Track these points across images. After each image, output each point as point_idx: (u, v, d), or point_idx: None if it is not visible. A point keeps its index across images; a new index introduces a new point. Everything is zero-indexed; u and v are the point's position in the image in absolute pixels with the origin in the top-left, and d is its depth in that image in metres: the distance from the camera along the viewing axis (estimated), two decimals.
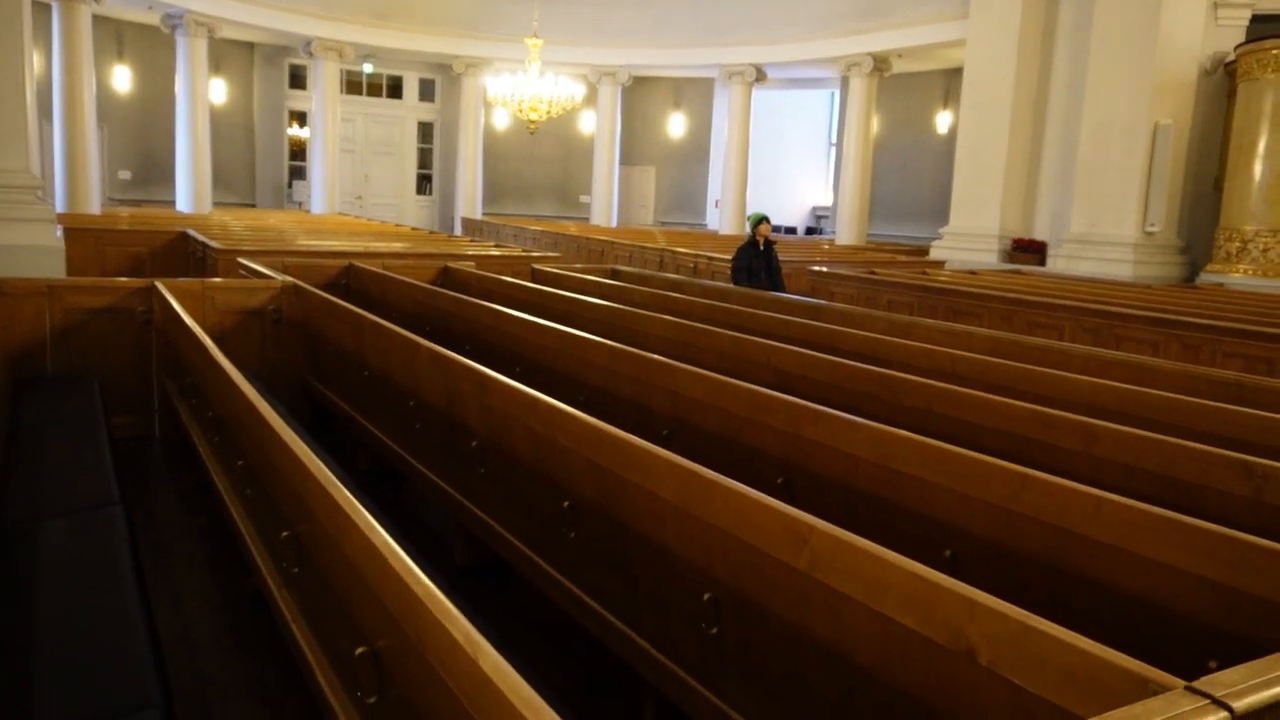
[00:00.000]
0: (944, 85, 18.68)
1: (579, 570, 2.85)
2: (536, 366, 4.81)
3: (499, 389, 3.22)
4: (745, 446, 3.35)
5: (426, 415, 3.96)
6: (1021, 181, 13.49)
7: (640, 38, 19.47)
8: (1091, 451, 3.05)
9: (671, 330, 5.26)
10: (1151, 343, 6.74)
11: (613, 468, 2.53)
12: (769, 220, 9.27)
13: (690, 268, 11.94)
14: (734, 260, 9.21)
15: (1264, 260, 10.61)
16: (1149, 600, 2.13)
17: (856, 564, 1.78)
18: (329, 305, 5.36)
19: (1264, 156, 10.67)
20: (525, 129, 17.50)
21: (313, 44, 17.93)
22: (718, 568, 2.18)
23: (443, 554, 3.98)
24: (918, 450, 2.69)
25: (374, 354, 4.60)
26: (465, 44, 19.39)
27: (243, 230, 11.30)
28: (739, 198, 19.54)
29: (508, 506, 3.31)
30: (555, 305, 6.31)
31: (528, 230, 16.81)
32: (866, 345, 4.94)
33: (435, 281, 7.63)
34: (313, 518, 2.17)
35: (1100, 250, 11.89)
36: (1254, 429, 3.32)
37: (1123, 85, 11.78)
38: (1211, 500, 2.70)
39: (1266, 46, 10.69)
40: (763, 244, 9.03)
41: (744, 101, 19.23)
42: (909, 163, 19.50)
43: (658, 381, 3.87)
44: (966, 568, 2.48)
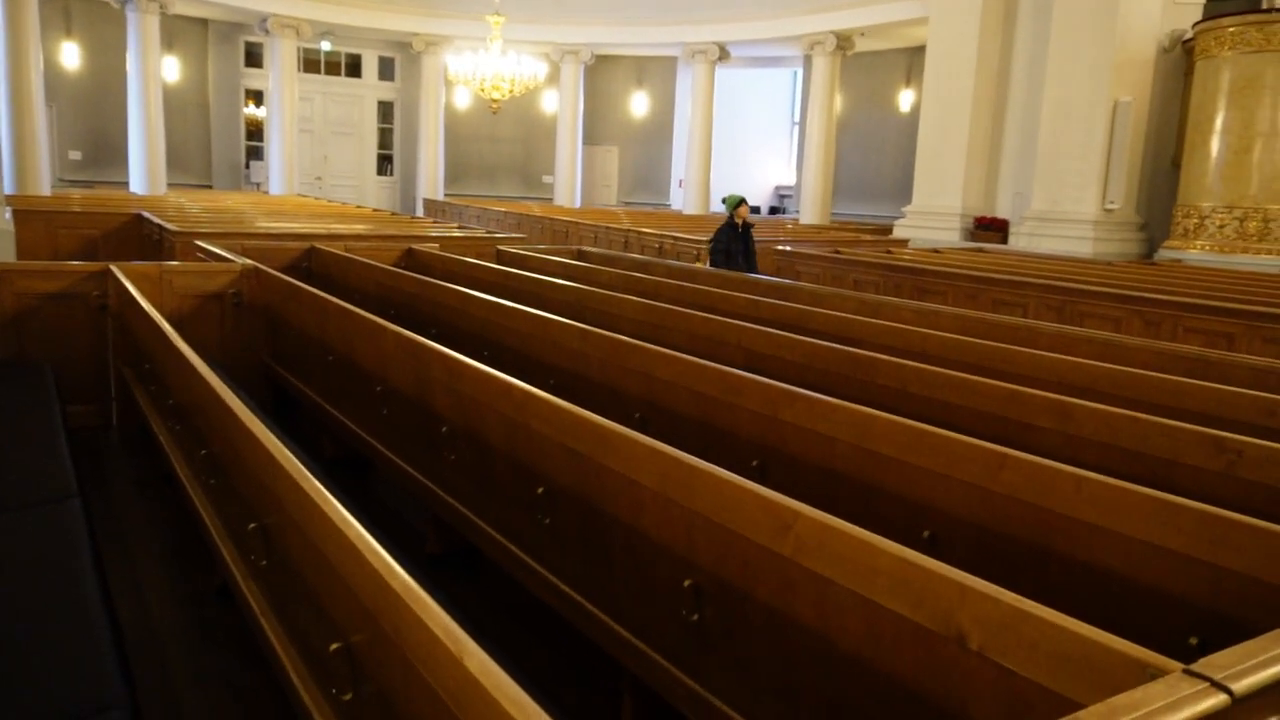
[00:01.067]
0: (906, 64, 18.73)
1: (555, 557, 2.81)
2: (505, 349, 4.74)
3: (470, 374, 3.16)
4: (720, 429, 3.32)
5: (394, 401, 3.88)
6: (983, 160, 13.58)
7: (603, 15, 19.30)
8: (1066, 429, 3.05)
9: (641, 312, 5.21)
10: (1114, 319, 6.81)
11: (590, 454, 2.49)
12: (747, 202, 9.21)
13: (656, 248, 11.88)
14: (712, 242, 9.18)
15: (1220, 236, 10.77)
16: (1129, 578, 2.13)
17: (843, 549, 1.76)
18: (291, 289, 5.24)
19: (1221, 134, 10.81)
20: (487, 108, 17.28)
21: (269, 21, 17.56)
22: (699, 554, 2.15)
23: (413, 542, 3.92)
24: (896, 431, 2.67)
25: (339, 339, 4.50)
26: (425, 21, 19.09)
27: (200, 212, 11.06)
28: (702, 177, 19.50)
29: (480, 493, 3.26)
30: (522, 287, 6.23)
31: (491, 211, 16.64)
32: (837, 325, 4.92)
33: (399, 264, 7.50)
34: (282, 509, 2.10)
35: (1061, 228, 12.01)
36: (1222, 404, 3.34)
37: (1083, 63, 11.87)
38: (1184, 476, 2.72)
39: (1224, 24, 10.81)
40: (741, 226, 8.99)
41: (707, 80, 19.15)
42: (872, 141, 19.56)
43: (630, 364, 3.83)
44: (946, 548, 2.47)
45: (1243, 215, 10.60)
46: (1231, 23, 10.74)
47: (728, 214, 9.05)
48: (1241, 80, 10.63)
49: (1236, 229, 10.64)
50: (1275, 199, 10.49)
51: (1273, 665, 1.25)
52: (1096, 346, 4.44)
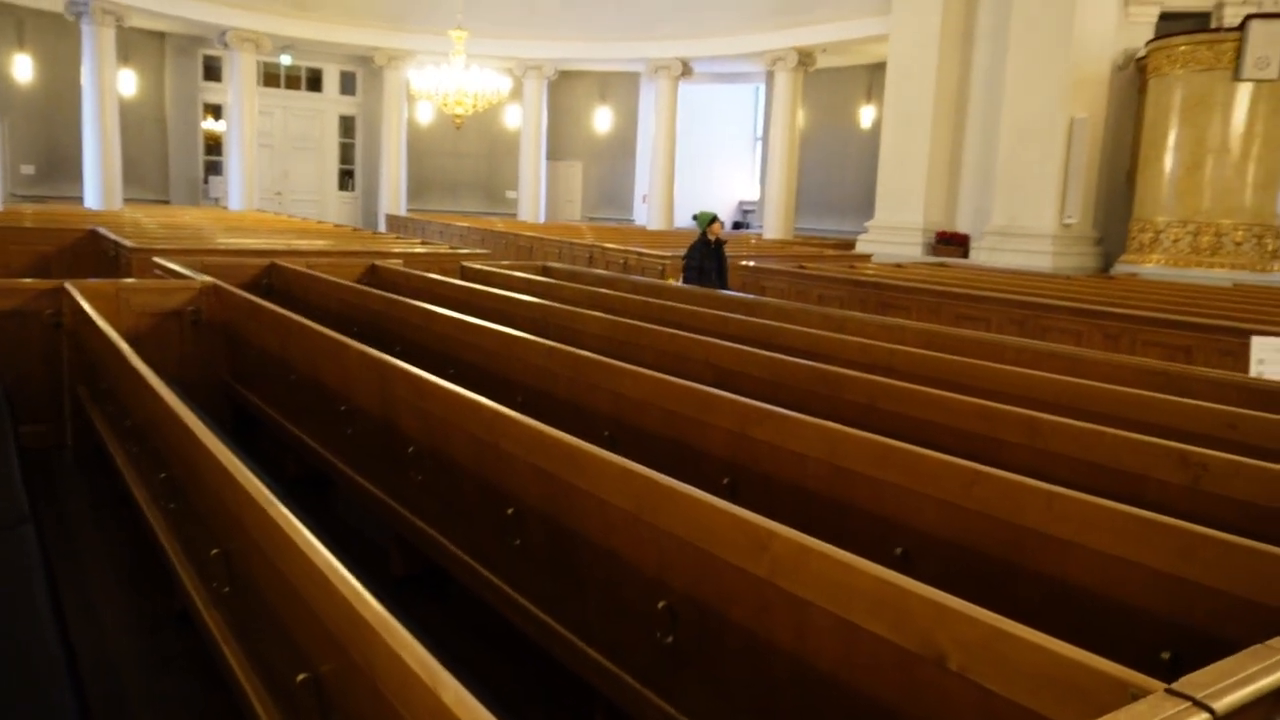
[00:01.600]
0: (867, 80, 18.94)
1: (524, 579, 2.76)
2: (470, 367, 4.69)
3: (438, 393, 3.12)
4: (690, 447, 3.30)
5: (359, 420, 3.82)
6: (944, 175, 13.75)
7: (566, 31, 19.33)
8: (1035, 444, 3.07)
9: (607, 328, 5.18)
10: (1075, 332, 6.91)
11: (560, 474, 2.46)
12: (720, 219, 9.22)
13: (621, 263, 11.88)
14: (686, 258, 9.14)
15: (1175, 250, 10.97)
16: (1100, 593, 2.14)
17: (820, 570, 1.74)
18: (252, 306, 5.16)
19: (1174, 150, 11.04)
20: (449, 123, 17.22)
21: (228, 35, 17.37)
22: (673, 575, 2.13)
23: (377, 563, 3.85)
24: (867, 448, 2.67)
25: (301, 357, 4.43)
26: (387, 36, 19.00)
27: (157, 228, 10.88)
28: (666, 193, 19.55)
29: (447, 514, 3.21)
30: (487, 304, 6.18)
31: (454, 226, 16.55)
32: (805, 341, 4.93)
33: (362, 280, 7.42)
34: (245, 535, 2.05)
35: (1021, 242, 12.18)
36: (1186, 417, 3.38)
37: (1040, 81, 12.07)
38: (1152, 490, 2.74)
39: (1175, 43, 11.06)
40: (714, 242, 8.99)
41: (670, 96, 19.23)
42: (834, 157, 19.74)
43: (598, 381, 3.80)
44: (918, 565, 2.47)
45: (1196, 230, 10.82)
46: (1182, 41, 10.99)
47: (700, 230, 9.02)
48: (1193, 98, 10.87)
49: (1190, 243, 10.86)
50: (1227, 214, 10.72)
51: (1252, 683, 1.25)
52: (1061, 361, 4.48)
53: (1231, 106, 10.70)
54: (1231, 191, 10.72)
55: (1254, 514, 2.54)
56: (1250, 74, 10.46)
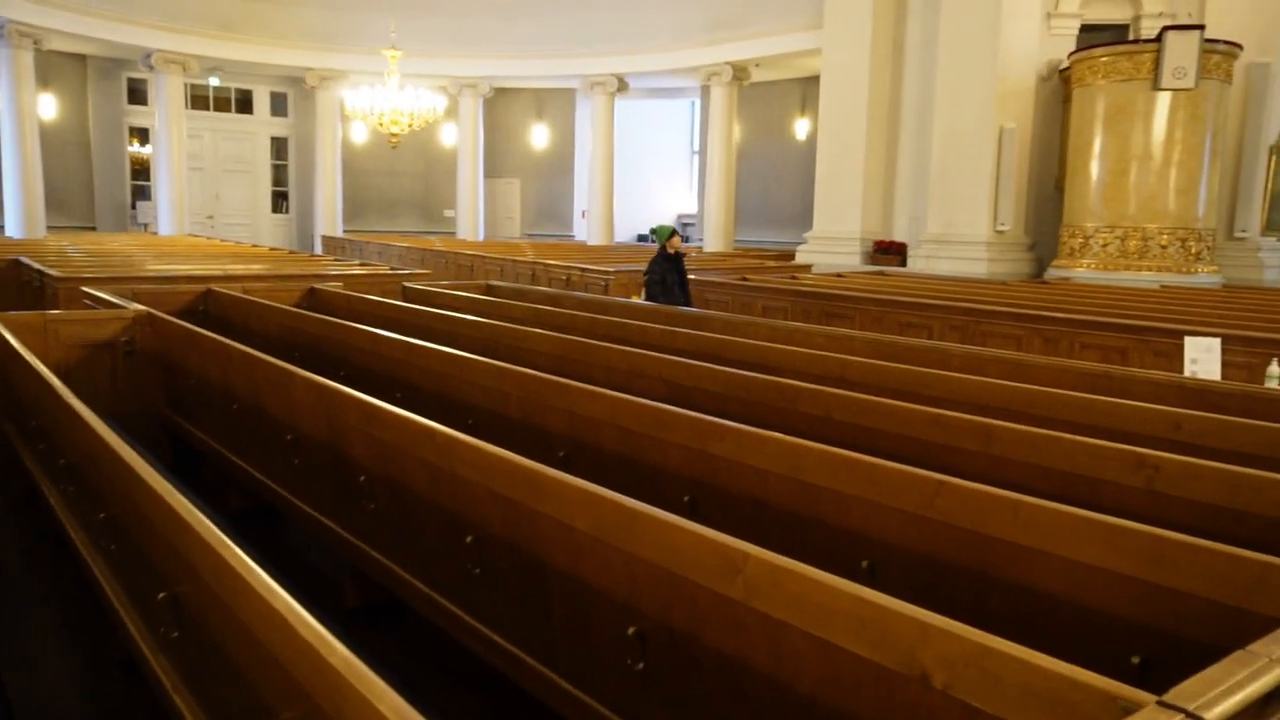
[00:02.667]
0: (801, 93, 19.19)
1: (487, 607, 2.70)
2: (418, 390, 4.60)
3: (389, 420, 3.04)
4: (648, 465, 3.26)
5: (307, 449, 3.71)
6: (880, 185, 13.96)
7: (500, 48, 19.26)
8: (990, 451, 3.09)
9: (557, 346, 5.13)
10: (1015, 337, 7.03)
11: (522, 499, 2.40)
12: (679, 233, 9.07)
13: (563, 280, 11.82)
14: (648, 274, 8.93)
15: (1104, 255, 11.26)
16: (1068, 600, 2.14)
17: (796, 590, 1.71)
18: (189, 335, 5.00)
19: (1099, 157, 11.34)
20: (384, 143, 17.01)
21: (153, 57, 16.97)
22: (643, 600, 2.08)
23: (330, 595, 3.74)
24: (829, 461, 2.66)
25: (243, 385, 4.30)
26: (319, 56, 18.72)
27: (84, 256, 10.54)
28: (605, 208, 19.56)
29: (403, 543, 3.12)
30: (432, 325, 6.09)
31: (393, 247, 16.34)
32: (755, 353, 4.94)
33: (301, 304, 7.27)
34: (196, 577, 1.95)
35: (956, 249, 12.40)
36: (1132, 419, 3.44)
37: (969, 92, 12.34)
38: (1108, 493, 2.77)
39: (1096, 55, 11.37)
40: (674, 255, 8.84)
41: (607, 112, 19.27)
42: (770, 169, 19.94)
43: (552, 401, 3.75)
44: (884, 578, 2.46)
45: (1124, 234, 11.12)
46: (1103, 53, 11.31)
47: (659, 244, 8.86)
48: (1115, 107, 11.19)
49: (1119, 247, 11.15)
50: (1153, 218, 11.04)
51: (1240, 690, 1.25)
52: (1006, 366, 4.54)
53: (1152, 115, 11.04)
54: (1155, 197, 11.05)
55: (1207, 514, 2.59)
56: (1168, 83, 10.80)
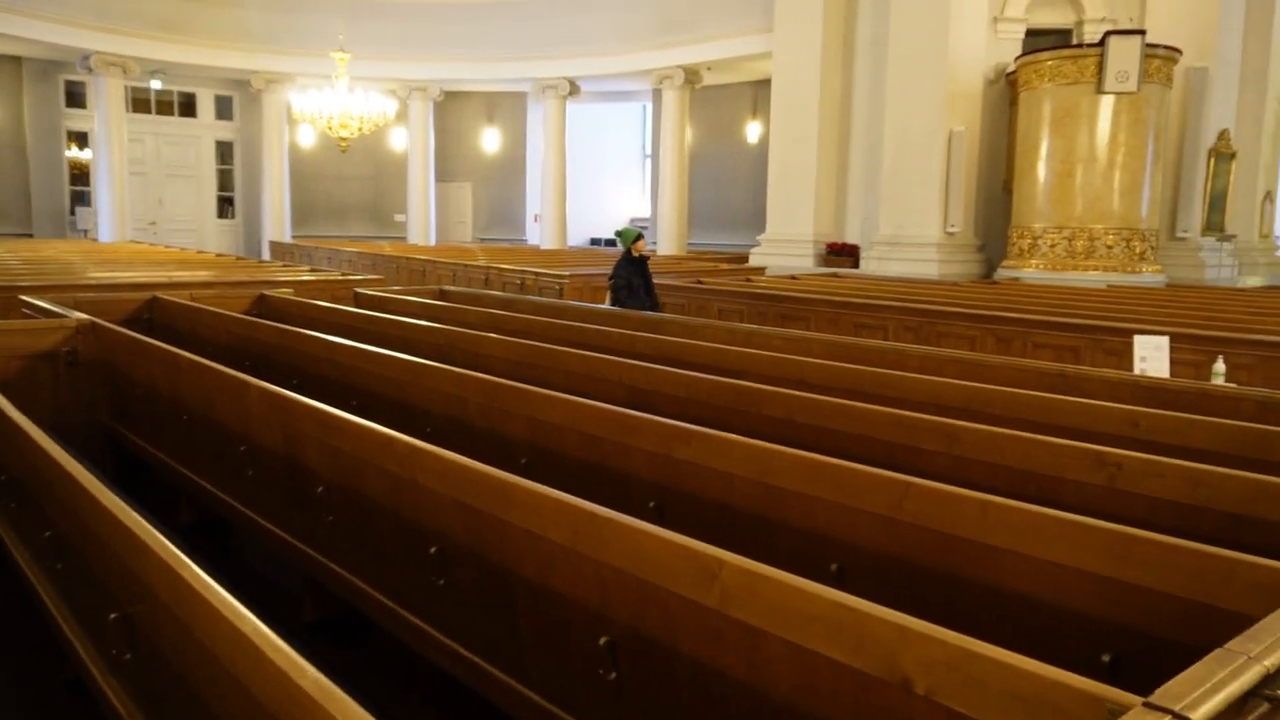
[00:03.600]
0: (752, 96, 19.30)
1: (451, 620, 2.64)
2: (374, 398, 4.52)
3: (347, 429, 2.97)
4: (613, 471, 3.23)
5: (261, 460, 3.62)
6: (831, 188, 14.08)
7: (450, 52, 19.10)
8: (953, 451, 3.11)
9: (514, 351, 5.07)
10: (969, 337, 7.11)
11: (489, 509, 2.35)
12: (644, 236, 8.96)
13: (517, 284, 11.74)
14: (613, 278, 8.79)
15: (1052, 255, 11.46)
16: (1037, 599, 2.15)
17: (774, 597, 1.69)
18: (136, 344, 4.86)
19: (1046, 159, 11.54)
20: (333, 146, 16.76)
21: (91, 59, 16.54)
22: (615, 609, 2.05)
23: (287, 610, 3.65)
24: (796, 464, 2.65)
25: (194, 395, 4.18)
26: (265, 59, 18.39)
27: (21, 264, 10.22)
28: (558, 211, 19.48)
29: (364, 555, 3.05)
30: (386, 331, 6.00)
31: (343, 252, 16.10)
32: (715, 357, 4.92)
33: (250, 312, 7.11)
34: (152, 597, 1.88)
35: (908, 251, 12.54)
36: (1090, 418, 3.48)
37: (919, 95, 12.49)
38: (1070, 492, 2.80)
39: (1042, 58, 11.58)
40: (639, 259, 8.72)
41: (559, 115, 19.20)
42: (723, 172, 20.02)
43: (512, 408, 3.70)
44: (854, 581, 2.45)
45: (1071, 235, 11.33)
46: (1048, 57, 11.52)
47: (624, 248, 8.74)
48: (1061, 110, 11.40)
49: (1066, 248, 11.36)
50: (1098, 219, 11.26)
51: (1223, 688, 1.25)
52: (964, 366, 4.58)
53: (1096, 118, 11.26)
54: (1101, 198, 11.27)
55: (1168, 511, 2.62)
56: (1112, 87, 11.04)
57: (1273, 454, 3.05)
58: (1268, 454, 3.05)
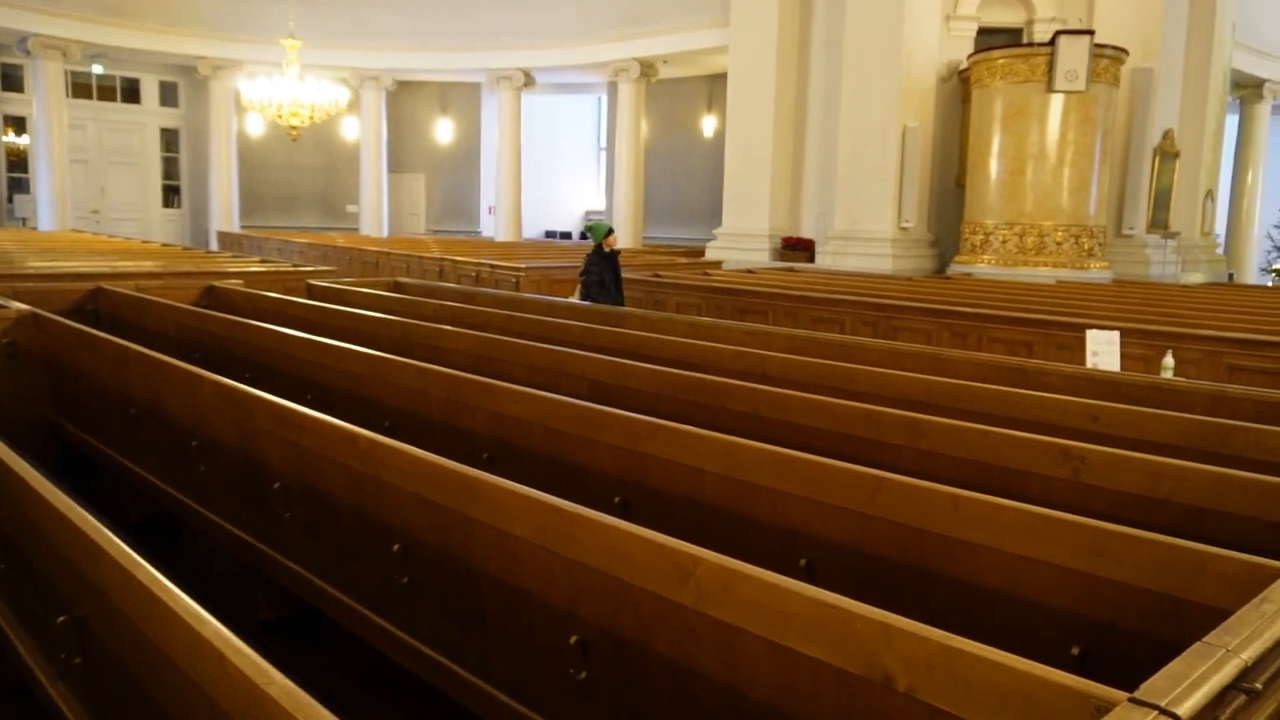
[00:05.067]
0: (708, 90, 19.30)
1: (415, 619, 2.58)
2: (331, 392, 4.42)
3: (306, 424, 2.89)
4: (577, 465, 3.19)
5: (214, 455, 3.52)
6: (787, 182, 14.12)
7: (403, 41, 18.83)
8: (919, 445, 3.11)
9: (474, 345, 5.01)
10: (925, 332, 7.18)
11: (454, 505, 2.30)
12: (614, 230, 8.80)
13: (473, 277, 11.62)
14: (584, 273, 8.61)
15: (1004, 251, 11.62)
16: (1008, 593, 2.15)
17: (752, 595, 1.67)
18: (81, 336, 4.70)
19: (998, 157, 11.68)
20: (284, 135, 16.43)
21: (29, 41, 16.03)
22: (585, 608, 2.01)
23: (242, 608, 3.55)
24: (766, 459, 2.63)
25: (143, 389, 4.06)
26: (212, 45, 17.96)
27: None
28: (513, 203, 19.33)
29: (323, 553, 2.98)
30: (340, 323, 5.88)
31: (293, 243, 15.83)
32: (677, 350, 4.90)
33: (199, 303, 6.93)
34: (104, 599, 1.80)
35: (863, 246, 12.63)
36: (1050, 411, 3.51)
37: (873, 91, 12.57)
38: (1035, 485, 2.82)
39: (994, 57, 11.71)
40: (610, 254, 8.56)
41: (514, 106, 19.04)
42: (678, 166, 20.01)
43: (474, 402, 3.63)
44: (825, 576, 2.44)
45: (1021, 231, 11.49)
46: (1001, 55, 11.65)
47: (595, 243, 8.58)
48: (1012, 108, 11.54)
49: (1017, 244, 11.51)
50: (1048, 216, 11.43)
51: (1206, 682, 1.25)
52: (925, 360, 4.61)
53: (1046, 116, 11.42)
54: (1051, 195, 11.44)
55: (1131, 504, 2.65)
56: (1061, 85, 11.20)
57: (1228, 447, 3.10)
58: (1223, 447, 3.10)
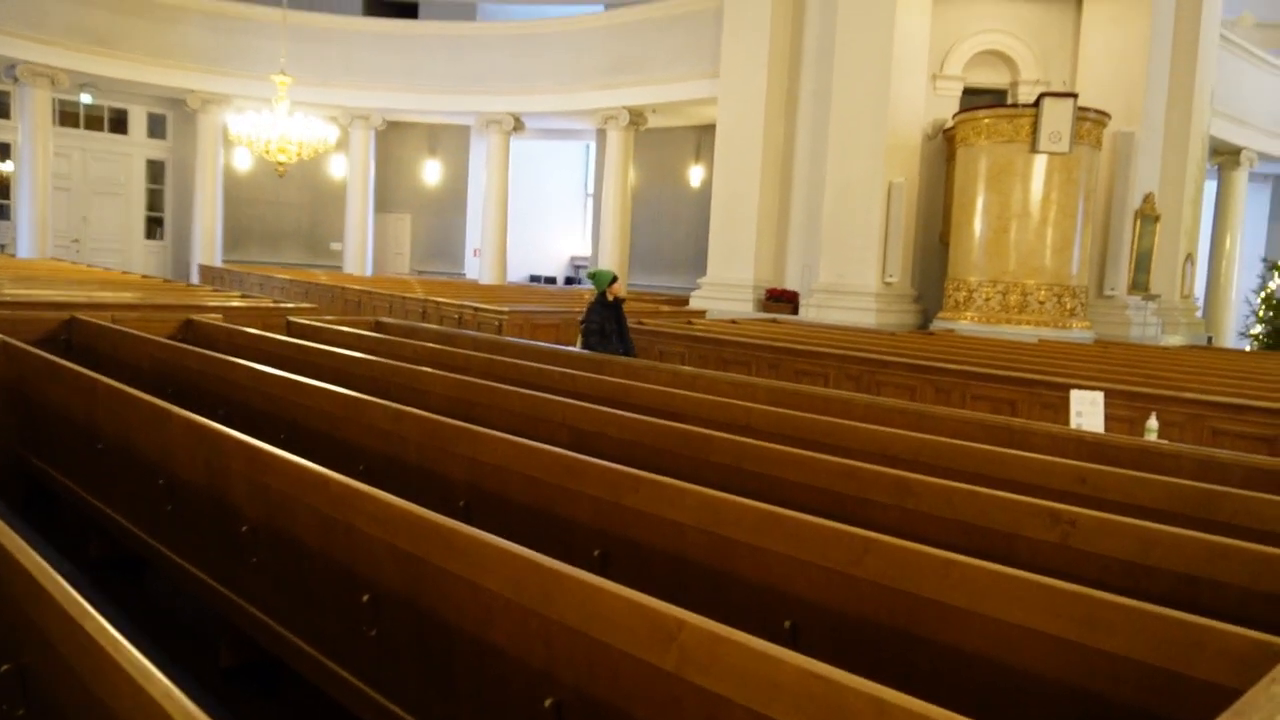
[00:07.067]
0: (696, 140, 19.47)
1: (382, 674, 2.47)
2: (305, 432, 4.32)
3: (277, 465, 2.79)
4: (556, 516, 3.10)
5: (181, 495, 3.41)
6: (772, 234, 14.19)
7: (394, 81, 18.93)
8: (904, 504, 3.05)
9: (453, 388, 4.92)
10: (909, 387, 7.15)
11: (427, 556, 2.21)
12: (617, 277, 8.47)
13: (455, 319, 11.56)
14: (585, 321, 8.24)
15: (987, 308, 11.68)
16: (1000, 662, 2.08)
17: (738, 663, 1.59)
18: (49, 366, 4.59)
19: (982, 214, 11.80)
20: (270, 171, 16.39)
21: (18, 68, 16.00)
22: (561, 669, 1.92)
23: (203, 654, 3.42)
24: (749, 515, 2.56)
25: (110, 423, 3.95)
26: (202, 78, 17.97)
27: None
28: (499, 247, 19.34)
29: (290, 601, 2.86)
30: (318, 362, 5.80)
31: (275, 279, 15.72)
32: (658, 399, 4.84)
33: (176, 337, 6.83)
34: (48, 648, 1.70)
35: (847, 299, 12.67)
36: (1038, 472, 3.47)
37: (859, 147, 12.71)
38: (1023, 548, 2.75)
39: (979, 116, 11.89)
40: (613, 302, 8.20)
41: (502, 150, 19.12)
42: (664, 214, 20.12)
43: (452, 447, 3.55)
44: (809, 639, 2.36)
45: (1005, 289, 11.57)
46: (986, 115, 11.83)
47: (598, 291, 8.20)
48: (996, 167, 11.68)
49: (1000, 301, 11.58)
50: (1031, 274, 11.52)
51: None
52: (910, 417, 4.56)
53: (1030, 176, 11.57)
54: (1034, 254, 11.54)
55: (1120, 570, 2.59)
56: (1045, 146, 11.36)
57: (1218, 513, 3.06)
58: (1213, 513, 3.05)
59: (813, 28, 13.70)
